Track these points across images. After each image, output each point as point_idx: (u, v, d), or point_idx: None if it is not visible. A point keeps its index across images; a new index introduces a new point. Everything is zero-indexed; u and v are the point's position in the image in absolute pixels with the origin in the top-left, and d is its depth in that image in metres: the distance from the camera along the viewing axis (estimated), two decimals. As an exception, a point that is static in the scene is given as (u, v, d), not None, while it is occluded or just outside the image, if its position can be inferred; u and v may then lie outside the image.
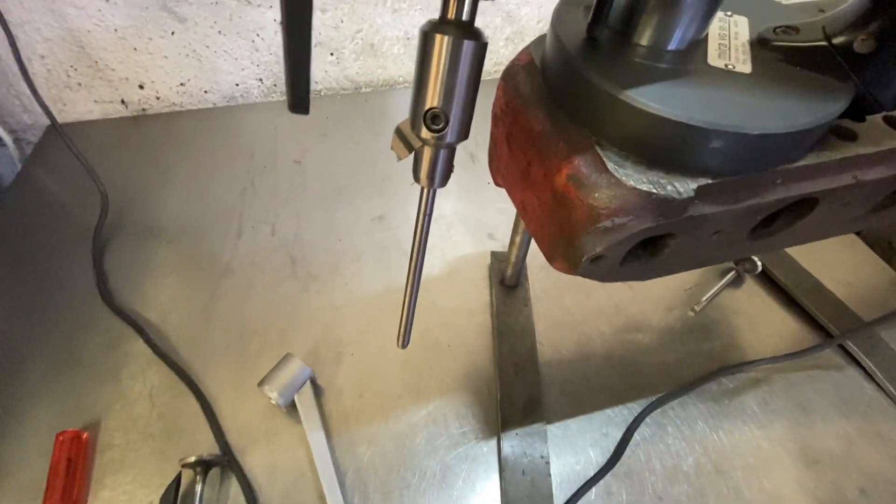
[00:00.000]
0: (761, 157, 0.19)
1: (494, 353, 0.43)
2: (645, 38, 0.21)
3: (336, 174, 0.59)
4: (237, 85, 0.69)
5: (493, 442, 0.38)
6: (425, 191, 0.21)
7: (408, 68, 0.73)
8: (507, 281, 0.46)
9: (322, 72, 0.70)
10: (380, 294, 0.47)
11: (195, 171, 0.59)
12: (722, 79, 0.20)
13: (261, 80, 0.69)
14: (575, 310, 0.47)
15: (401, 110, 0.69)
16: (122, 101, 0.67)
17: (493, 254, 0.50)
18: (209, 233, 0.52)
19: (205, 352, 0.43)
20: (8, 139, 0.62)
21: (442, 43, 0.17)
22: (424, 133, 0.19)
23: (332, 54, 0.69)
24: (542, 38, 0.25)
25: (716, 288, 0.48)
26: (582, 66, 0.20)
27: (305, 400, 0.38)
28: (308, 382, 0.39)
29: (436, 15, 0.19)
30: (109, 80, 0.64)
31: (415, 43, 0.75)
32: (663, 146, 0.19)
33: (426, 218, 0.22)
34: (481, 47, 0.18)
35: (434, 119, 0.19)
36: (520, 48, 0.78)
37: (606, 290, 0.49)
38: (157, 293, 0.47)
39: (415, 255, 0.23)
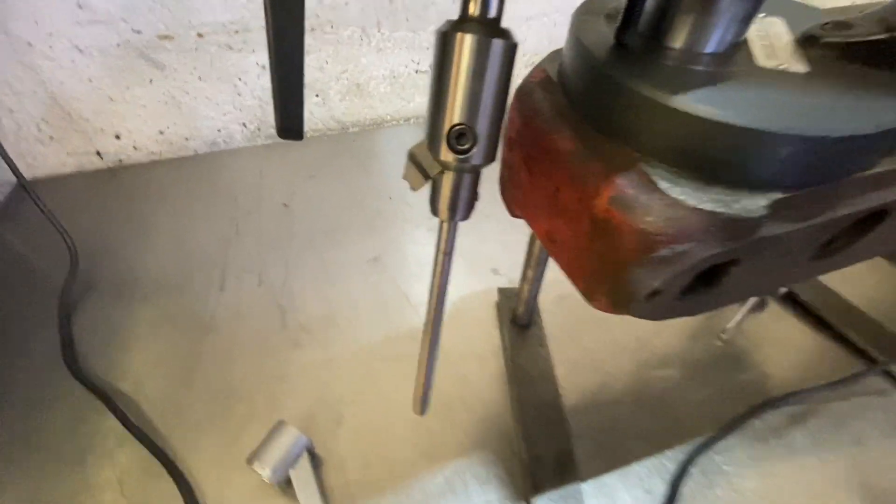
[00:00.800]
0: (837, 165, 0.17)
1: (513, 403, 0.38)
2: (682, 41, 0.18)
3: (326, 215, 0.56)
4: (219, 130, 0.66)
5: (523, 510, 0.33)
6: (445, 226, 0.18)
7: (395, 106, 0.72)
8: (518, 320, 0.42)
9: (308, 113, 0.68)
10: (379, 343, 0.43)
11: (174, 221, 0.55)
12: (780, 80, 0.17)
13: (244, 124, 0.66)
14: (595, 347, 0.43)
15: (390, 149, 0.67)
16: (98, 153, 0.63)
17: (501, 290, 0.46)
18: (189, 286, 0.48)
19: (184, 424, 0.37)
20: (-29, 198, 0.58)
21: (465, 44, 0.15)
22: (446, 155, 0.16)
23: (317, 95, 0.67)
24: (556, 53, 0.23)
25: (740, 314, 0.45)
26: (617, 74, 0.17)
27: (302, 475, 0.33)
28: (304, 454, 0.33)
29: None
30: (83, 132, 0.61)
31: (401, 81, 0.75)
32: (725, 158, 0.16)
33: (446, 258, 0.19)
34: (511, 48, 0.15)
35: (460, 138, 0.15)
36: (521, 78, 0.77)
37: (625, 322, 0.45)
38: (131, 358, 0.42)
39: (433, 304, 0.20)
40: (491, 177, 0.19)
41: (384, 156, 0.66)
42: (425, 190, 0.19)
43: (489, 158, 0.17)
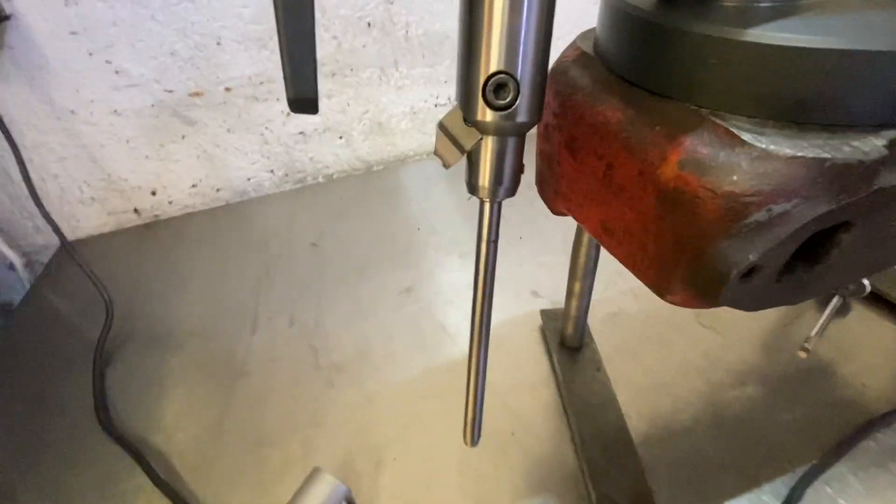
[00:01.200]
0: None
1: (573, 436, 0.34)
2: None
3: (356, 252, 0.55)
4: (249, 179, 0.67)
5: (600, 565, 0.28)
6: (487, 207, 0.16)
7: (417, 142, 0.72)
8: (567, 342, 0.39)
9: (332, 156, 0.69)
10: (418, 378, 0.40)
11: (207, 270, 0.55)
12: (869, 4, 0.15)
13: (272, 171, 0.68)
14: (658, 368, 0.38)
15: (414, 183, 0.67)
16: (135, 210, 0.65)
17: (544, 312, 0.43)
18: (221, 333, 0.46)
19: (216, 476, 0.35)
20: (18, 262, 0.60)
21: None
22: (484, 114, 0.14)
23: (340, 137, 0.68)
24: (587, 32, 0.21)
25: (822, 319, 0.40)
26: (673, 21, 0.15)
27: (342, 530, 0.29)
28: (344, 505, 0.30)
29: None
30: (122, 191, 0.64)
31: (421, 117, 0.75)
32: (824, 94, 0.13)
33: (491, 246, 0.16)
34: None
35: (499, 90, 0.13)
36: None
37: (689, 338, 0.40)
38: (162, 410, 0.40)
39: (479, 304, 0.17)
40: (520, 192, 0.17)
41: (409, 190, 0.65)
42: (454, 219, 0.17)
43: (535, 114, 0.14)
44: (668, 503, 0.30)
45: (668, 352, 0.39)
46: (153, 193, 0.65)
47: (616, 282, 0.46)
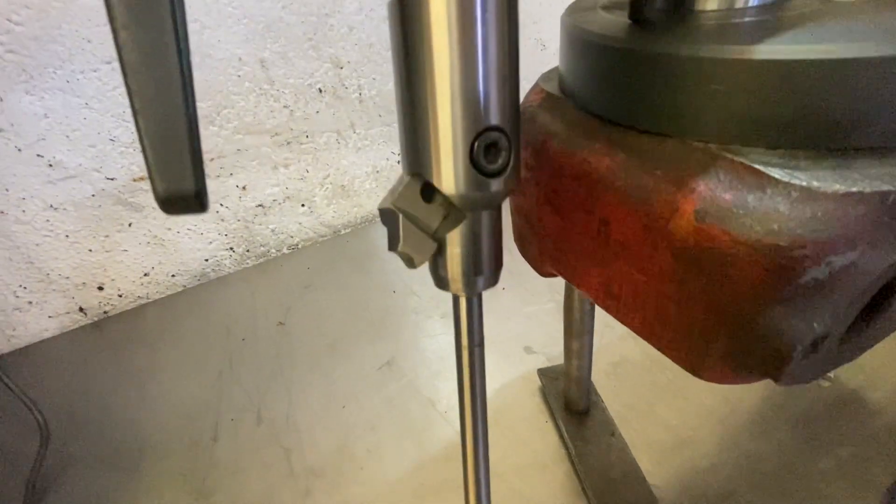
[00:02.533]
0: None
1: (598, 523, 0.29)
2: (715, 1, 0.14)
3: (327, 327, 0.50)
4: (206, 260, 0.63)
5: None
6: (464, 302, 0.12)
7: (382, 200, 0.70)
8: (573, 405, 0.34)
9: (296, 225, 0.66)
10: (410, 473, 0.34)
11: (163, 368, 0.49)
12: (877, 6, 0.13)
13: (231, 248, 0.63)
14: (677, 421, 0.34)
15: (384, 244, 0.63)
16: (81, 309, 0.59)
17: (542, 372, 0.39)
18: (178, 445, 0.40)
19: None
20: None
21: None
22: (469, 182, 0.10)
23: (303, 205, 0.65)
24: (551, 73, 0.19)
25: (836, 342, 0.37)
26: (658, 46, 0.13)
27: None
28: None
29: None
30: (64, 290, 0.58)
31: (385, 174, 0.73)
32: (863, 113, 0.11)
33: (476, 352, 0.12)
34: None
35: (490, 150, 0.10)
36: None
37: (701, 383, 0.37)
38: (105, 556, 0.33)
39: (470, 434, 0.13)
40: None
41: (380, 251, 0.62)
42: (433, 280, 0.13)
43: (518, 177, 0.11)
44: None
45: (683, 400, 0.36)
46: (100, 288, 0.59)
47: (612, 325, 0.43)
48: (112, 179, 0.54)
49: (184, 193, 0.10)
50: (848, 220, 0.10)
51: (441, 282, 0.12)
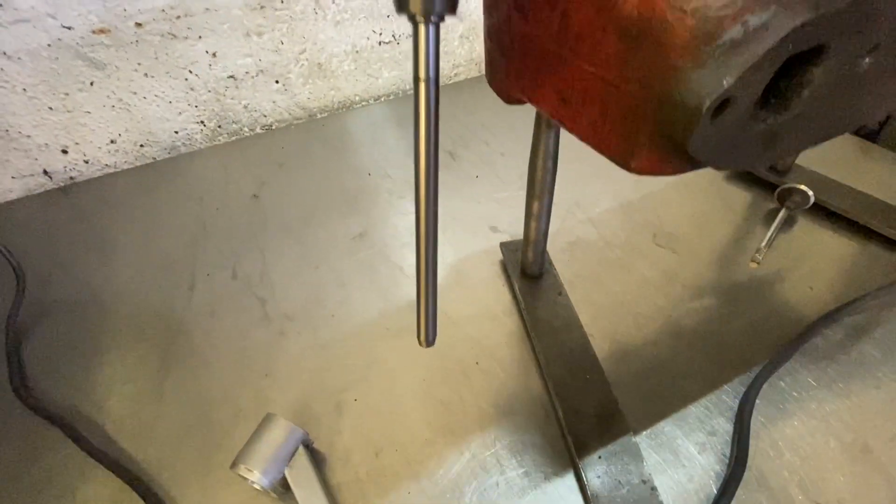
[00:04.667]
0: None
1: (538, 358, 0.33)
2: None
3: (301, 202, 0.51)
4: (177, 132, 0.61)
5: (570, 476, 0.27)
6: (423, 29, 0.13)
7: (363, 85, 0.68)
8: (529, 270, 0.37)
9: (270, 103, 0.63)
10: (375, 320, 0.38)
11: (135, 231, 0.50)
12: None
13: (202, 122, 0.61)
14: (618, 288, 0.38)
15: (362, 129, 0.62)
16: (45, 172, 0.58)
17: (504, 245, 0.41)
18: (154, 292, 0.42)
19: (158, 439, 0.32)
20: None
21: None
22: None
23: (277, 82, 0.62)
24: None
25: (771, 231, 0.41)
26: None
27: (301, 474, 0.27)
28: (301, 449, 0.28)
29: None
30: (26, 150, 0.56)
31: (365, 56, 0.70)
32: None
33: (431, 86, 0.13)
34: None
35: None
36: (476, 46, 0.72)
37: (647, 258, 0.40)
38: (92, 378, 0.36)
39: (423, 176, 0.14)
40: (476, 135, 0.14)
41: (357, 137, 0.61)
42: (407, 163, 0.14)
43: None
44: (633, 412, 0.30)
45: (627, 273, 0.39)
46: (64, 152, 0.57)
47: (574, 212, 0.46)
48: (69, 29, 0.50)
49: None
50: (766, -19, 0.11)
51: (400, 4, 0.13)
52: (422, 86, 0.14)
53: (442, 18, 0.13)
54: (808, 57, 0.13)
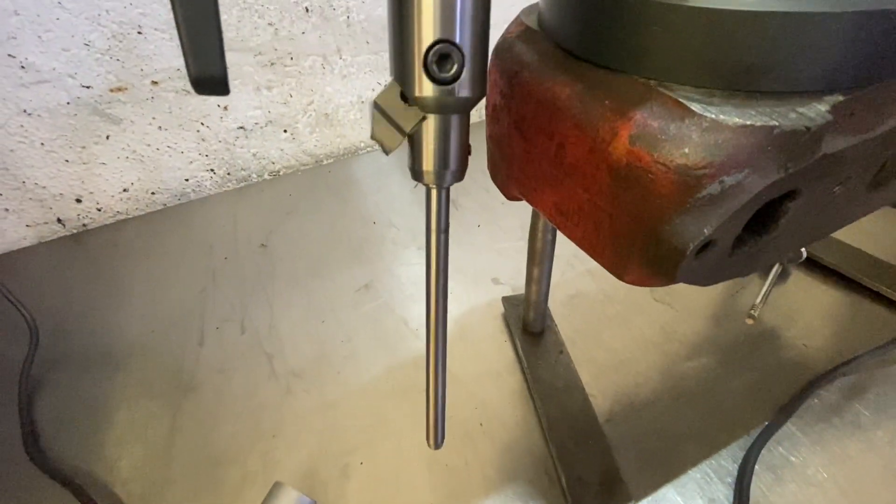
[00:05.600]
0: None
1: (541, 421, 0.34)
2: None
3: (308, 251, 0.52)
4: (187, 180, 0.63)
5: (574, 547, 0.28)
6: (435, 194, 0.14)
7: (368, 132, 0.70)
8: (530, 327, 0.38)
9: (277, 151, 0.66)
10: (381, 378, 0.39)
11: (146, 280, 0.51)
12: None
13: (212, 170, 0.63)
14: (618, 346, 0.39)
15: (367, 174, 0.64)
16: (59, 220, 0.59)
17: (505, 299, 0.42)
18: (164, 347, 0.43)
19: (167, 503, 0.32)
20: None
21: None
22: (425, 89, 0.12)
23: (285, 131, 0.65)
24: (532, 7, 0.20)
25: (765, 287, 0.42)
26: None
27: (309, 545, 0.28)
28: (309, 518, 0.28)
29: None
30: (41, 200, 0.57)
31: (370, 105, 0.73)
32: (769, 59, 0.13)
33: (441, 237, 0.15)
34: None
35: (442, 61, 0.12)
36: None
37: (645, 313, 0.41)
38: (102, 436, 0.37)
39: (434, 305, 0.16)
40: (474, 178, 0.16)
41: (362, 183, 0.63)
42: (411, 211, 0.16)
43: (480, 89, 0.13)
44: (634, 477, 0.30)
45: (626, 329, 0.40)
46: (78, 201, 0.59)
47: (573, 264, 0.47)
48: (88, 88, 0.52)
49: (213, 75, 0.11)
50: (740, 147, 0.13)
51: (417, 174, 0.14)
52: (433, 237, 0.15)
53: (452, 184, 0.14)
54: (784, 197, 0.15)
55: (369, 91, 0.66)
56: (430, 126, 0.13)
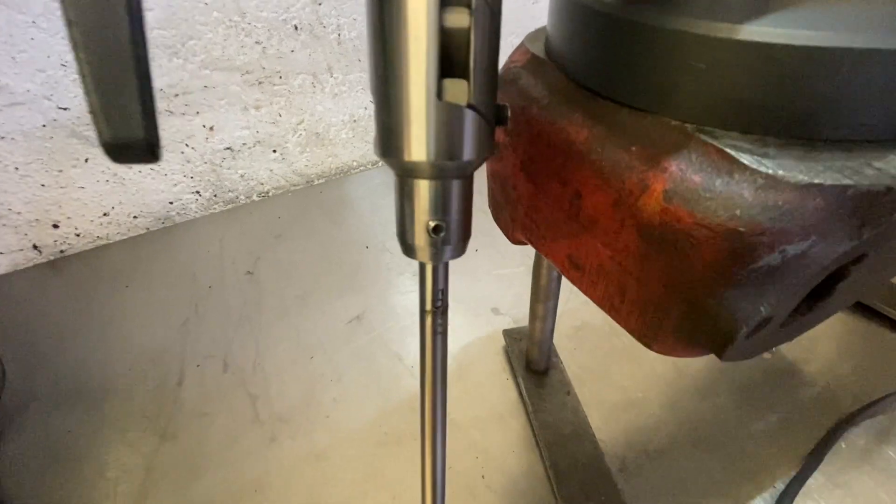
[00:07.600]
0: None
1: (548, 472, 0.31)
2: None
3: (297, 278, 0.49)
4: (171, 203, 0.60)
5: None
6: (430, 270, 0.12)
7: (360, 151, 0.68)
8: (534, 365, 0.36)
9: (266, 171, 0.63)
10: (374, 421, 0.36)
11: (125, 311, 0.48)
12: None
13: (198, 192, 0.61)
14: (628, 383, 0.36)
15: (360, 196, 0.62)
16: (35, 247, 0.56)
17: (507, 333, 0.40)
18: (141, 387, 0.40)
19: (136, 573, 0.29)
20: None
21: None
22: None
23: (274, 151, 0.62)
24: (538, 32, 0.18)
25: (782, 317, 0.39)
26: (647, 17, 0.12)
27: None
28: None
29: None
30: (16, 226, 0.54)
31: (363, 125, 0.71)
32: (834, 104, 0.11)
33: (438, 320, 0.12)
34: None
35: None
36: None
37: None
38: (71, 486, 0.33)
39: (430, 411, 0.13)
40: (473, 203, 0.14)
41: (354, 204, 0.61)
42: None
43: (491, 149, 0.11)
44: (653, 539, 0.28)
45: (636, 365, 0.38)
46: (55, 226, 0.56)
47: (577, 292, 0.44)
48: (65, 109, 0.50)
49: (132, 140, 0.09)
50: (806, 211, 0.11)
51: (408, 249, 0.12)
52: (428, 319, 0.13)
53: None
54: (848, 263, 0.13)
55: (361, 109, 0.64)
56: (421, 191, 0.11)
